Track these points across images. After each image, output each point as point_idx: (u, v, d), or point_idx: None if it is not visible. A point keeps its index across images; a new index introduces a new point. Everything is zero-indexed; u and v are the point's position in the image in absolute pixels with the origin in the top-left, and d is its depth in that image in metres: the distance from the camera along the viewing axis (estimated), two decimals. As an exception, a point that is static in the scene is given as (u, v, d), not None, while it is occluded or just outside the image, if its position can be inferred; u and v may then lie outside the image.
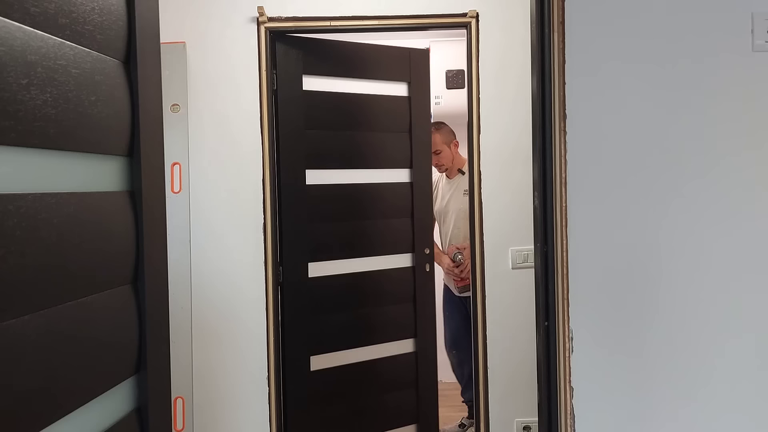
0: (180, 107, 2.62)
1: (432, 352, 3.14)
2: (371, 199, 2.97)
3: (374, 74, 2.94)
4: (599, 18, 1.46)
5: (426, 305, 3.11)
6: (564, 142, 1.47)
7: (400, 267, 3.04)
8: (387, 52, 2.98)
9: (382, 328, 3.02)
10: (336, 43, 2.88)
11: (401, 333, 3.06)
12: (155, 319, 1.17)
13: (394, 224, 3.03)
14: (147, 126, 1.16)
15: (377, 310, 2.99)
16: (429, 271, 3.10)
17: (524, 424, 2.77)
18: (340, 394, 2.92)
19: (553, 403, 1.52)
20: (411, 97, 3.02)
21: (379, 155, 2.99)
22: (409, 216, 3.05)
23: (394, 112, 2.99)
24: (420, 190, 3.07)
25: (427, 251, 3.08)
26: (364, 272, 2.95)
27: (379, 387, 3.01)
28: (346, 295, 2.94)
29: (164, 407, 1.21)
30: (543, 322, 1.54)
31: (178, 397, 2.59)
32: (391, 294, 3.03)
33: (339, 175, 2.91)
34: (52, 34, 0.90)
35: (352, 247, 2.95)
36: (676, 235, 1.46)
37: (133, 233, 1.12)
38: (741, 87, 1.45)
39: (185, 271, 2.62)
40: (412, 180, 3.05)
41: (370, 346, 2.98)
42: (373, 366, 2.97)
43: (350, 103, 2.91)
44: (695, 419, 1.47)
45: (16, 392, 0.80)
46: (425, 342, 3.11)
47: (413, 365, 3.08)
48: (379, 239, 3.00)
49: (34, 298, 0.84)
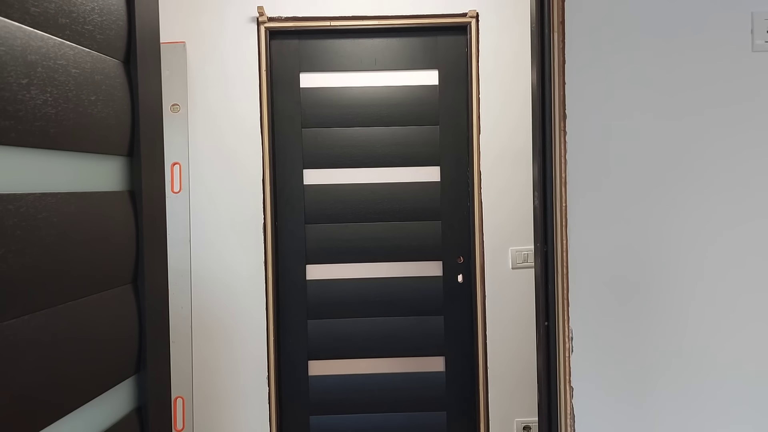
0: (180, 107, 2.62)
1: (465, 374, 2.84)
2: (401, 199, 2.82)
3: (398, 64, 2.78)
4: (599, 18, 1.46)
5: (459, 321, 2.84)
6: (564, 142, 1.47)
7: (429, 276, 2.84)
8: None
9: (407, 341, 2.84)
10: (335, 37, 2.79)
11: (426, 350, 2.85)
12: (155, 319, 1.17)
13: (429, 227, 2.84)
14: (147, 126, 1.16)
15: (408, 320, 2.83)
16: (461, 282, 2.82)
17: (524, 424, 2.77)
18: (341, 402, 2.84)
19: (553, 403, 1.52)
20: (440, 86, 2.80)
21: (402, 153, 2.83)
22: (437, 218, 2.84)
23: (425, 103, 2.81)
24: (454, 190, 2.84)
25: (460, 260, 2.82)
26: (366, 278, 2.83)
27: (398, 405, 2.84)
28: (348, 300, 2.83)
29: (164, 407, 1.21)
30: (543, 322, 1.54)
31: (178, 397, 2.59)
32: (420, 305, 2.84)
33: (337, 175, 2.89)
34: (52, 34, 0.90)
35: (379, 251, 2.80)
36: (676, 234, 1.47)
37: (133, 233, 1.12)
38: (740, 87, 1.45)
39: (185, 271, 2.62)
40: (443, 179, 2.83)
41: (379, 359, 2.83)
42: (376, 379, 2.83)
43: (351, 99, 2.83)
44: (695, 419, 1.47)
45: (17, 392, 0.80)
46: (455, 363, 2.84)
47: (442, 387, 2.84)
48: (414, 244, 2.83)
49: (34, 298, 0.84)
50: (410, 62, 2.82)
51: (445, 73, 2.82)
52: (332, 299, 2.84)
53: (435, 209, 2.82)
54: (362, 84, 2.83)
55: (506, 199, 2.72)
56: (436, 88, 2.82)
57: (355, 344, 2.84)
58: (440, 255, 2.82)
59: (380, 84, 2.82)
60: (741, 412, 1.47)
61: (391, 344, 2.85)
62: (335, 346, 2.84)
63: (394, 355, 2.84)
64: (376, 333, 2.84)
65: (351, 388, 2.85)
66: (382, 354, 2.85)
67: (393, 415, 2.87)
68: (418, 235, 2.84)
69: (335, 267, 2.84)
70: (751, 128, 1.46)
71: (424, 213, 2.83)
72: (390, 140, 2.83)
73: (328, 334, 2.84)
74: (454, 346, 2.86)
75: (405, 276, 2.84)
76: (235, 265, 2.67)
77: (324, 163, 2.82)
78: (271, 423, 2.67)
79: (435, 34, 2.84)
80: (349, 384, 2.85)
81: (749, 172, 1.46)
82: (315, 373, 2.83)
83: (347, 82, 2.82)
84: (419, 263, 2.83)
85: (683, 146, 1.46)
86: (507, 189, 2.71)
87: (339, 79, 2.82)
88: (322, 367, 2.84)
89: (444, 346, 2.86)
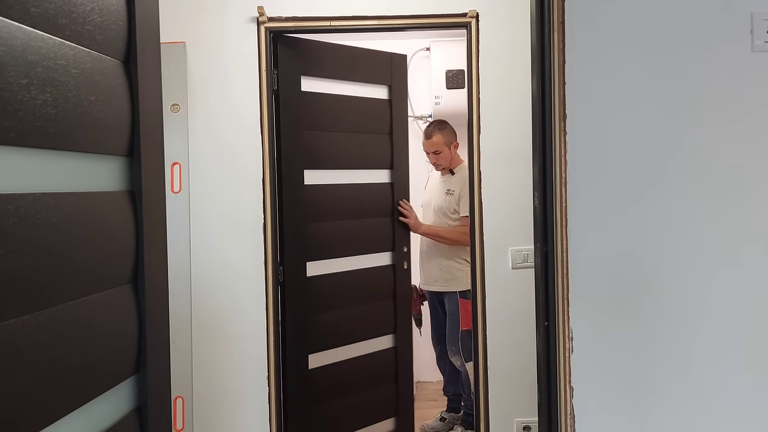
0: (180, 107, 2.62)
1: (409, 347, 3.27)
2: (362, 198, 3.09)
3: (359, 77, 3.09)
4: (599, 18, 1.46)
5: (404, 302, 3.26)
6: (564, 142, 1.47)
7: (383, 265, 3.18)
8: (371, 55, 3.13)
9: (371, 325, 3.15)
10: (331, 46, 2.96)
11: (384, 329, 3.20)
12: (155, 318, 1.17)
13: (380, 223, 3.17)
14: (147, 126, 1.16)
15: (366, 307, 3.11)
16: (407, 268, 3.24)
17: (524, 424, 2.77)
18: (335, 390, 2.98)
19: (553, 403, 1.52)
20: (392, 100, 3.19)
21: (367, 156, 3.14)
22: (390, 215, 3.19)
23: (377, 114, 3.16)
24: (400, 189, 3.22)
25: (405, 249, 3.23)
26: (356, 270, 3.06)
27: (367, 383, 3.10)
28: (341, 293, 3.01)
29: (164, 407, 1.21)
30: (543, 322, 1.54)
31: (178, 397, 2.59)
32: (377, 291, 3.17)
33: (334, 175, 2.99)
34: (52, 34, 0.90)
35: (347, 245, 3.03)
36: (676, 235, 1.46)
37: (133, 233, 1.12)
38: (740, 87, 1.45)
39: (185, 271, 2.62)
40: (393, 180, 3.19)
41: (361, 342, 3.09)
42: (362, 362, 3.08)
43: (343, 105, 3.01)
44: (696, 420, 1.47)
45: (16, 392, 0.80)
46: (404, 338, 3.24)
47: (393, 361, 3.20)
48: (370, 238, 3.12)
49: (34, 298, 0.84)
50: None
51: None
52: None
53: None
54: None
55: (506, 199, 2.72)
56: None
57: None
58: (390, 246, 3.16)
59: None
60: (742, 413, 1.47)
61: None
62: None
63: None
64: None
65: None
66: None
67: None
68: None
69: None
70: (751, 128, 1.45)
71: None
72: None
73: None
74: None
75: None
76: (235, 264, 2.67)
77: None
78: (271, 423, 2.67)
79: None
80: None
81: (749, 172, 1.46)
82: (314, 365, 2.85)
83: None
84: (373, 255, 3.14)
85: (683, 146, 1.46)
86: (507, 189, 2.71)
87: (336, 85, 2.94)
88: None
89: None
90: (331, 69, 2.94)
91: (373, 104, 3.10)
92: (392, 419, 3.19)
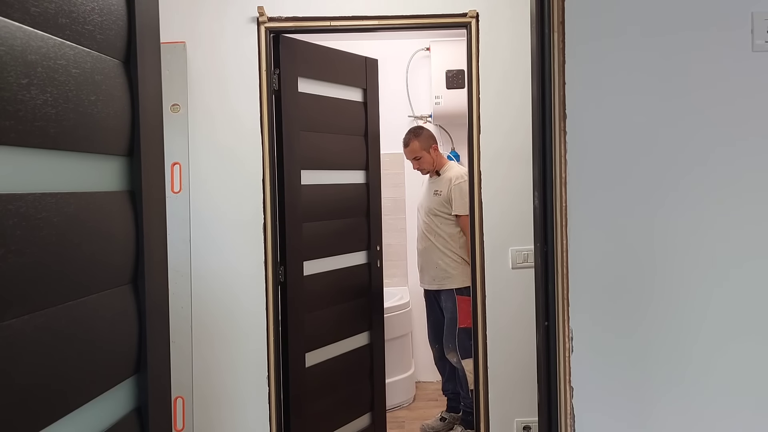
0: (180, 107, 2.62)
1: (381, 344, 3.34)
2: (346, 198, 3.16)
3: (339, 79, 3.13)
4: (599, 18, 1.46)
5: (377, 299, 3.31)
6: (564, 142, 1.47)
7: (360, 264, 3.24)
8: (347, 58, 3.17)
9: (352, 322, 3.20)
10: (317, 48, 3.00)
11: (362, 326, 3.25)
12: (155, 318, 1.17)
13: (359, 222, 3.22)
14: (147, 126, 1.16)
15: (348, 305, 3.16)
16: (379, 267, 3.32)
17: (524, 424, 2.77)
18: (326, 388, 3.02)
19: (553, 403, 1.52)
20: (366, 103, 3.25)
21: (349, 157, 3.19)
22: (365, 215, 3.24)
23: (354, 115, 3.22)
24: (374, 191, 3.27)
25: (378, 248, 3.29)
26: (341, 269, 3.11)
27: (349, 379, 3.16)
28: (330, 291, 3.05)
29: (164, 407, 1.21)
30: (543, 322, 1.54)
31: (178, 397, 2.59)
32: (356, 288, 3.23)
33: (325, 175, 3.03)
34: (52, 34, 0.90)
35: (335, 244, 3.08)
36: (676, 235, 1.46)
37: (133, 233, 1.12)
38: (740, 87, 1.45)
39: (185, 271, 2.62)
40: (368, 181, 3.24)
41: (345, 340, 3.13)
42: (347, 359, 3.13)
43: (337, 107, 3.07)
44: (696, 420, 1.47)
45: (16, 392, 0.80)
46: (377, 335, 3.30)
47: (369, 357, 3.26)
48: (351, 237, 3.19)
49: (34, 298, 0.84)
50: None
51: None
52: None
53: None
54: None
55: (506, 199, 2.72)
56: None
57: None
58: (366, 245, 3.23)
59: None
60: (742, 413, 1.47)
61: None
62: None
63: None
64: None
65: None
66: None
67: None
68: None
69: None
70: (751, 128, 1.45)
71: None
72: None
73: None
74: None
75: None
76: (235, 264, 2.67)
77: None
78: (271, 423, 2.67)
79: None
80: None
81: (750, 173, 1.45)
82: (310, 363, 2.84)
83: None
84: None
85: (684, 146, 1.46)
86: (507, 189, 2.71)
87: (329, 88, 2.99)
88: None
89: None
90: (319, 71, 2.97)
91: (351, 106, 3.17)
92: (368, 414, 3.26)
